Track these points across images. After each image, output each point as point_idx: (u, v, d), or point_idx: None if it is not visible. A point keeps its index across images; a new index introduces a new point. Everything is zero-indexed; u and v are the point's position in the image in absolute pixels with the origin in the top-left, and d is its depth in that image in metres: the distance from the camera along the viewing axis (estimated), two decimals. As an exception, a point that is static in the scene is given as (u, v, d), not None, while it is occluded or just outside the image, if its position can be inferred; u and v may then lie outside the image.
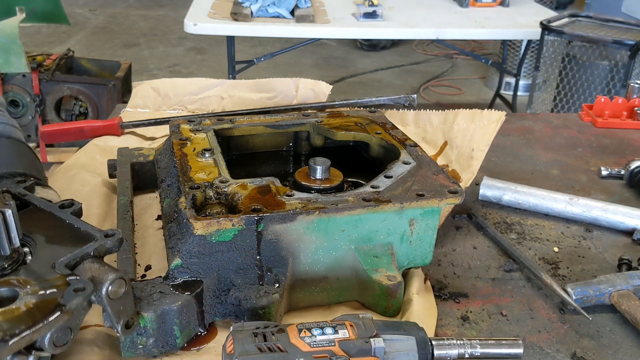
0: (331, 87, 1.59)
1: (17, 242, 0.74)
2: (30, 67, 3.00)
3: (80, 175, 1.26)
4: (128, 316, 0.75)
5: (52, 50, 4.14)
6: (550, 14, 4.07)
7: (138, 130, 1.50)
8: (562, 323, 0.96)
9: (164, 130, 1.48)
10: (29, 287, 0.71)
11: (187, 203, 0.89)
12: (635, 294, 0.97)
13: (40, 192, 0.99)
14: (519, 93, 4.62)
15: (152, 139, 1.49)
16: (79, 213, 0.86)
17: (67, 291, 0.69)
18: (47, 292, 0.70)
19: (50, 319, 0.66)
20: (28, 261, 0.76)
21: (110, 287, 0.71)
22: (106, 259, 0.79)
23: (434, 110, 1.50)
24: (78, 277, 0.72)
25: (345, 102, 1.53)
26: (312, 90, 1.58)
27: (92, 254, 0.76)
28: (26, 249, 0.78)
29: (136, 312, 0.77)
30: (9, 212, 0.72)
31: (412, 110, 1.53)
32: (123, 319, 0.74)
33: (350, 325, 0.76)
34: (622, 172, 1.43)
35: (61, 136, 1.53)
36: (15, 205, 0.75)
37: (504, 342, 0.81)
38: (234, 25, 3.56)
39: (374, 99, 1.52)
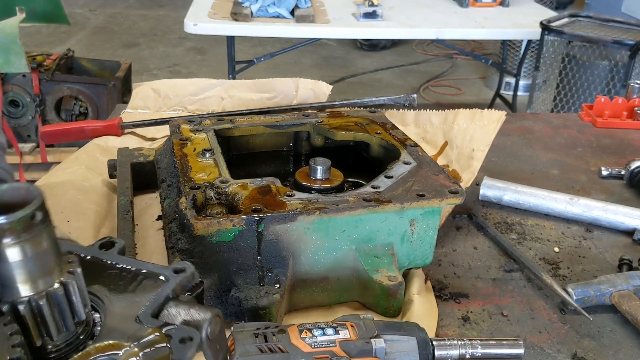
0: (331, 87, 1.58)
1: (89, 302, 0.64)
2: (30, 67, 3.00)
3: (81, 174, 1.26)
4: (224, 353, 0.67)
5: (52, 50, 4.14)
6: (550, 14, 4.07)
7: (138, 130, 1.50)
8: (562, 323, 0.96)
9: (165, 130, 1.48)
10: (123, 350, 0.61)
11: (188, 203, 0.89)
12: (635, 294, 0.97)
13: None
14: (519, 93, 4.63)
15: (153, 139, 1.49)
16: (123, 251, 0.76)
17: (174, 344, 0.60)
18: (152, 350, 0.60)
19: None
20: (97, 321, 0.66)
21: (209, 329, 0.63)
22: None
23: (434, 110, 1.50)
24: (176, 326, 0.63)
25: (345, 102, 1.52)
26: (312, 90, 1.58)
27: (170, 296, 0.67)
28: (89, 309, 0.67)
29: (228, 347, 0.70)
30: (79, 272, 0.62)
31: (412, 110, 1.53)
32: (221, 357, 0.67)
33: (351, 326, 0.76)
34: (622, 172, 1.43)
35: (61, 136, 1.53)
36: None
37: (504, 342, 0.81)
38: (234, 25, 3.56)
39: (374, 99, 1.52)
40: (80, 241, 0.80)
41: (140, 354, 0.61)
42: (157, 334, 0.62)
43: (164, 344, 0.61)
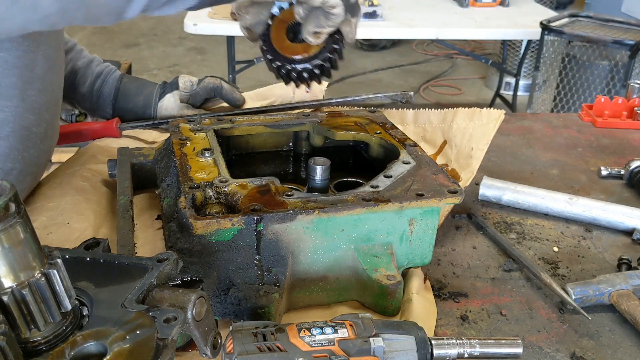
0: (326, 83, 1.59)
1: (73, 294, 0.65)
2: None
3: (81, 173, 1.26)
4: (213, 335, 0.70)
5: (52, 50, 4.13)
6: (550, 14, 4.07)
7: (140, 135, 1.50)
8: (561, 323, 0.96)
9: (165, 135, 1.49)
10: (110, 335, 0.63)
11: (187, 203, 0.89)
12: (634, 294, 0.97)
13: None
14: (519, 93, 4.63)
15: (154, 143, 1.49)
16: (108, 249, 0.79)
17: (159, 324, 0.63)
18: (137, 332, 0.63)
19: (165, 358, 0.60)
20: (85, 313, 0.68)
21: (194, 310, 0.66)
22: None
23: (433, 110, 1.50)
24: (161, 308, 0.66)
25: (342, 99, 1.53)
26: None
27: (154, 282, 0.70)
28: (74, 301, 0.68)
29: (217, 329, 0.72)
30: (60, 262, 0.63)
31: (410, 108, 1.53)
32: (210, 339, 0.69)
33: (350, 325, 0.76)
34: (622, 172, 1.43)
35: (60, 139, 1.53)
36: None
37: (503, 341, 0.81)
38: (234, 25, 3.56)
39: (370, 96, 1.53)
40: (80, 241, 0.80)
41: (127, 337, 0.62)
42: (142, 317, 0.64)
43: (149, 326, 0.63)
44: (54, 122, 1.16)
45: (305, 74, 1.05)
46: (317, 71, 1.04)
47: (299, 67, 1.02)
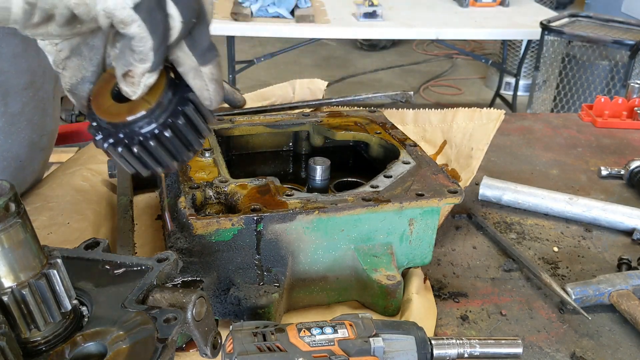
0: (326, 83, 1.59)
1: (73, 294, 0.65)
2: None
3: (81, 173, 1.26)
4: (213, 335, 0.70)
5: (52, 50, 4.13)
6: (550, 14, 4.07)
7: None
8: (561, 323, 0.96)
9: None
10: (110, 335, 0.63)
11: (187, 203, 0.89)
12: (634, 294, 0.97)
13: None
14: (519, 93, 4.63)
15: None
16: (108, 249, 0.78)
17: (159, 324, 0.63)
18: (137, 332, 0.63)
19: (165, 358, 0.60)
20: (85, 313, 0.68)
21: (194, 310, 0.66)
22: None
23: (433, 110, 1.50)
24: (161, 308, 0.66)
25: (342, 99, 1.52)
26: (309, 89, 1.58)
27: (154, 283, 0.70)
28: (74, 302, 0.66)
29: (217, 329, 0.72)
30: (60, 262, 0.63)
31: (410, 108, 1.53)
32: (210, 339, 0.69)
33: (350, 325, 0.76)
34: (622, 172, 1.43)
35: (60, 139, 1.53)
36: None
37: (503, 341, 0.81)
38: (234, 25, 3.56)
39: (370, 96, 1.52)
40: (80, 241, 0.80)
41: (127, 337, 0.62)
42: (142, 317, 0.64)
43: (149, 326, 0.63)
44: (26, 112, 1.06)
45: (134, 147, 0.67)
46: (152, 142, 0.67)
47: (120, 134, 0.67)
